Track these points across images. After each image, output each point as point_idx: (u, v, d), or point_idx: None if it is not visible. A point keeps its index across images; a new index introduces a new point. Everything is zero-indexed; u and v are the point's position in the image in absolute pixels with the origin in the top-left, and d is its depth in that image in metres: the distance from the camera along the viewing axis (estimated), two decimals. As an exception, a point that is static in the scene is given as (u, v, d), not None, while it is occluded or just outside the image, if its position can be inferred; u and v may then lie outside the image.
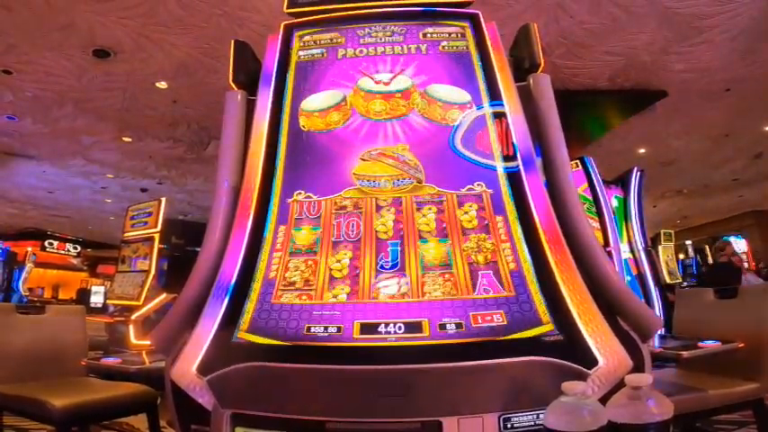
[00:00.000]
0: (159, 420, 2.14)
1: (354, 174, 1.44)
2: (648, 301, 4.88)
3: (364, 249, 1.29)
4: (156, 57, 4.99)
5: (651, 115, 6.38)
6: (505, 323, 1.11)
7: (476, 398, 1.04)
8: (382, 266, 1.26)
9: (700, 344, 1.85)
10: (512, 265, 1.22)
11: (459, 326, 1.11)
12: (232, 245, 1.32)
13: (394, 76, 1.64)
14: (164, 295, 4.51)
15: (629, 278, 4.90)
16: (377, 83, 1.63)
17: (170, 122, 6.68)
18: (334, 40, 1.77)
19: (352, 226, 1.34)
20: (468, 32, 1.75)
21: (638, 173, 5.55)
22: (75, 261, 16.27)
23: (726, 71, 5.46)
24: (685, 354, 1.75)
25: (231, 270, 1.27)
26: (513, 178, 1.39)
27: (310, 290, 1.22)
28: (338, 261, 1.27)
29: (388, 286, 1.21)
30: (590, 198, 4.69)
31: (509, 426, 1.02)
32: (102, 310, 6.17)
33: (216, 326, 1.17)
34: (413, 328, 1.11)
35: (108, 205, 11.79)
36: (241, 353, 1.10)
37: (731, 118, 6.84)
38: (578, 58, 5.10)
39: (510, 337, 1.08)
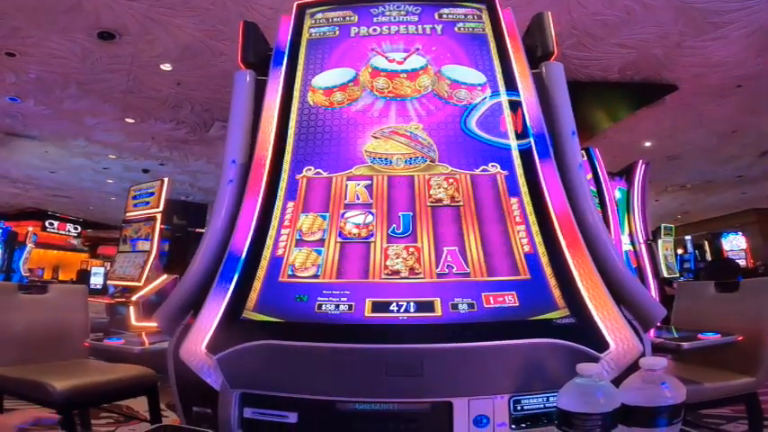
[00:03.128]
0: (159, 403, 2.14)
1: (366, 151, 1.43)
2: (648, 295, 4.89)
3: (376, 228, 1.28)
4: (161, 39, 4.94)
5: (659, 109, 6.33)
6: (517, 305, 1.11)
7: (486, 379, 1.04)
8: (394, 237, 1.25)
9: (700, 336, 1.85)
10: (526, 248, 1.22)
11: (470, 306, 1.11)
12: (241, 221, 1.31)
13: (408, 56, 1.62)
14: (165, 276, 4.50)
15: (629, 270, 4.91)
16: (390, 61, 1.60)
17: (174, 104, 6.64)
18: (347, 19, 1.75)
19: (363, 204, 1.33)
20: (485, 14, 1.73)
21: (643, 166, 5.54)
22: (75, 242, 16.29)
23: (739, 67, 5.39)
24: (685, 344, 1.74)
25: (240, 246, 1.26)
26: (527, 160, 1.38)
27: (320, 268, 1.22)
28: (347, 239, 1.27)
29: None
30: (593, 189, 4.69)
31: (519, 408, 1.02)
32: (103, 291, 6.18)
33: (225, 303, 1.17)
34: (425, 307, 1.11)
35: (110, 186, 11.77)
36: (252, 331, 1.09)
37: (740, 114, 6.78)
38: (589, 50, 5.04)
39: (522, 318, 1.08)
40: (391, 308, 1.11)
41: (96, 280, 9.43)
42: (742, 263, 11.36)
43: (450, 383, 1.03)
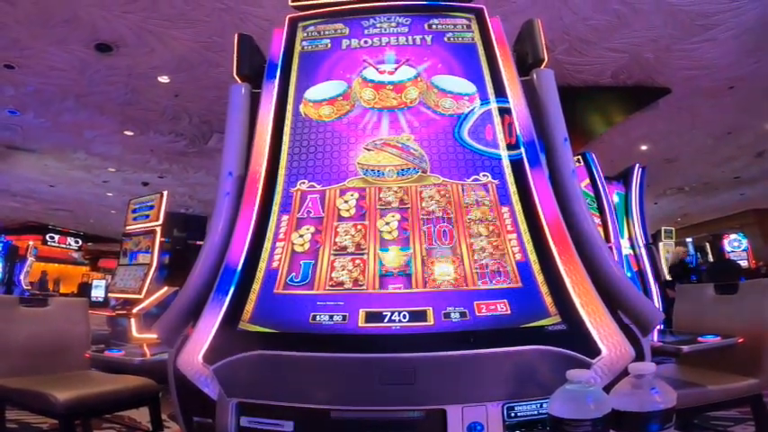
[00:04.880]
0: (161, 413, 2.15)
1: (359, 163, 1.45)
2: (648, 298, 4.88)
3: (369, 239, 1.30)
4: (158, 51, 4.99)
5: (654, 112, 6.36)
6: (509, 312, 1.12)
7: (479, 386, 1.05)
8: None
9: (699, 339, 1.85)
10: (518, 256, 1.23)
11: (463, 314, 1.12)
12: (237, 234, 1.33)
13: (398, 67, 1.64)
14: (165, 288, 4.52)
15: (629, 274, 4.91)
16: (381, 73, 1.63)
17: (172, 116, 6.68)
18: (339, 31, 1.77)
19: (357, 215, 1.35)
20: (474, 24, 1.75)
21: (640, 169, 5.55)
22: (75, 255, 16.29)
23: (730, 69, 5.44)
24: (685, 348, 1.74)
25: (236, 259, 1.28)
26: (518, 169, 1.39)
27: (314, 280, 1.23)
28: (341, 251, 1.28)
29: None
30: (591, 194, 4.70)
31: (513, 414, 1.03)
32: (104, 304, 6.18)
33: (221, 315, 1.18)
34: (417, 316, 1.12)
35: (109, 199, 11.80)
36: (247, 341, 1.11)
37: (734, 116, 6.82)
38: (582, 55, 5.08)
39: (514, 326, 1.09)
40: (384, 318, 1.12)
41: (97, 293, 9.42)
42: (744, 264, 11.33)
43: (443, 391, 1.04)
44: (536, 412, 1.04)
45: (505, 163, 1.42)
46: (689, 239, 12.12)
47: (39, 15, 4.36)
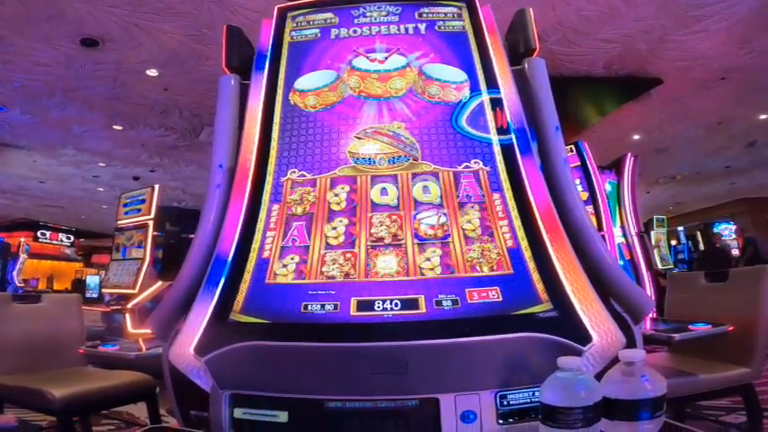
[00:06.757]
0: (159, 408, 2.14)
1: (349, 152, 1.44)
2: (640, 286, 4.92)
3: (359, 228, 1.29)
4: (146, 44, 4.92)
5: (646, 102, 6.38)
6: (501, 300, 1.12)
7: (472, 375, 1.05)
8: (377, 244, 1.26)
9: (690, 327, 1.86)
10: (509, 243, 1.23)
11: (454, 302, 1.12)
12: (227, 225, 1.31)
13: (389, 56, 1.63)
14: (159, 283, 4.49)
15: (621, 263, 4.94)
16: (371, 62, 1.61)
17: (162, 110, 6.61)
18: (328, 21, 1.75)
19: (347, 204, 1.34)
20: (465, 13, 1.74)
21: (632, 159, 5.58)
22: (68, 251, 16.17)
23: (722, 60, 5.46)
24: (676, 336, 1.75)
25: (227, 250, 1.27)
26: (509, 155, 1.39)
27: (305, 269, 1.22)
28: (333, 240, 1.27)
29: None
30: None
31: (505, 403, 1.03)
32: (98, 299, 6.14)
33: (212, 306, 1.17)
34: (409, 304, 1.12)
35: (100, 194, 11.71)
36: (239, 332, 1.10)
37: (725, 106, 6.86)
38: (574, 45, 5.08)
39: (505, 313, 1.09)
40: (376, 306, 1.12)
41: (91, 289, 9.35)
42: (735, 252, 11.44)
43: (435, 380, 1.04)
44: (529, 400, 1.04)
45: (496, 149, 1.41)
46: (680, 228, 12.23)
47: (23, 11, 4.29)
